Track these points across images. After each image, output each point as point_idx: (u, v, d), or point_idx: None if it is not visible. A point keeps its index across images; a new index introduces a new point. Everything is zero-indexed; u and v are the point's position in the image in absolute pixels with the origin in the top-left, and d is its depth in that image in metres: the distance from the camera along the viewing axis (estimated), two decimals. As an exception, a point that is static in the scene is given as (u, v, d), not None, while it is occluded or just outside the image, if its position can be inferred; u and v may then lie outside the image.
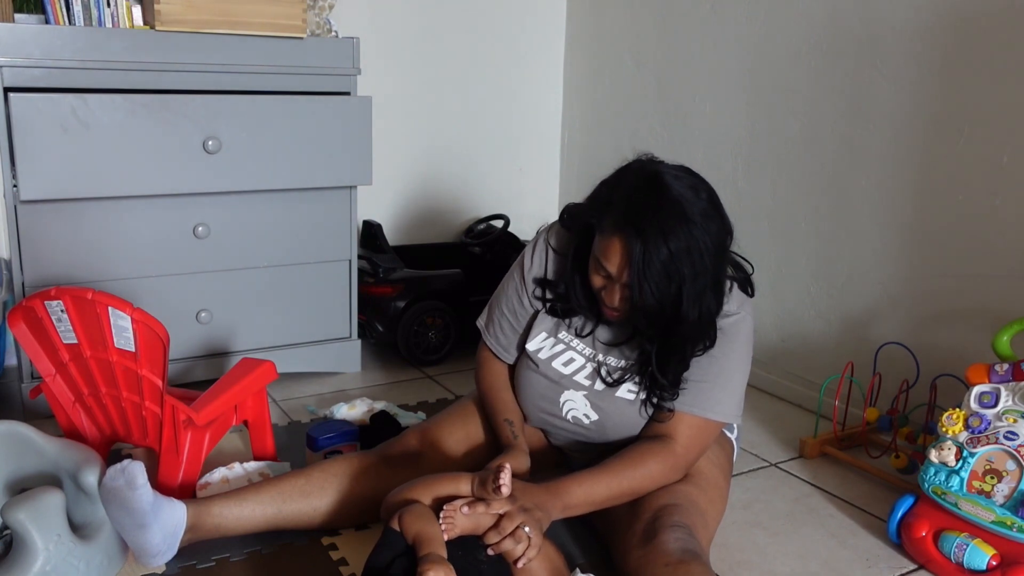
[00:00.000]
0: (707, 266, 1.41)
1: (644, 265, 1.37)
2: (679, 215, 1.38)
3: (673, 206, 1.38)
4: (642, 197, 1.40)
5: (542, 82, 3.15)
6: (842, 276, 2.27)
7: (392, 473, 1.63)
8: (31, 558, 1.34)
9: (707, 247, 1.40)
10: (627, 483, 1.48)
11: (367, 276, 2.56)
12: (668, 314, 1.42)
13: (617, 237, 1.40)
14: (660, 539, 1.37)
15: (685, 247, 1.37)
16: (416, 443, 1.69)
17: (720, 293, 1.48)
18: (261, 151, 2.19)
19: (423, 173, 2.98)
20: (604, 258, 1.43)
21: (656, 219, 1.37)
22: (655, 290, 1.39)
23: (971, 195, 1.97)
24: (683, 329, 1.45)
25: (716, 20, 2.55)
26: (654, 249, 1.37)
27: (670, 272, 1.38)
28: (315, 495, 1.59)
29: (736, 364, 1.56)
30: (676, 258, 1.37)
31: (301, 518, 1.59)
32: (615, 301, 1.47)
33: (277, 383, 2.30)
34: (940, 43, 2.00)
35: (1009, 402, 1.57)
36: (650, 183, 1.42)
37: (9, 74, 1.95)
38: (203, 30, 2.10)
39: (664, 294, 1.40)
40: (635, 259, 1.38)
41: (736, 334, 1.54)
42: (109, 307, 1.58)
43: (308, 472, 1.62)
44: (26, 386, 2.10)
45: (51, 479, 1.50)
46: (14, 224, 2.04)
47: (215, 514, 1.52)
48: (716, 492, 1.58)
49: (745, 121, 2.49)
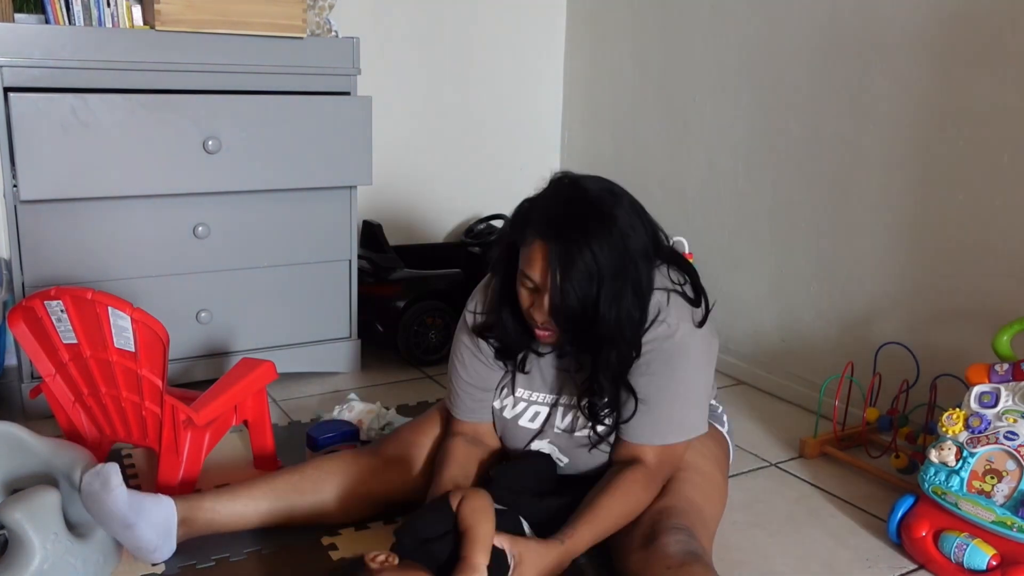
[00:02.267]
0: (626, 265, 1.38)
1: (565, 263, 1.36)
2: (597, 214, 1.38)
3: (591, 206, 1.39)
4: (561, 202, 1.41)
5: (542, 82, 3.15)
6: (842, 276, 2.27)
7: (387, 470, 1.64)
8: (28, 557, 1.34)
9: (626, 247, 1.38)
10: (618, 518, 1.45)
11: (367, 276, 2.56)
12: (589, 315, 1.39)
13: (538, 242, 1.39)
14: (661, 542, 1.37)
15: (605, 244, 1.36)
16: (410, 437, 1.69)
17: (642, 298, 1.43)
18: (261, 151, 2.19)
19: (423, 173, 2.98)
20: (527, 267, 1.41)
21: (575, 219, 1.38)
22: (576, 288, 1.36)
23: (971, 195, 1.97)
24: (602, 331, 1.40)
25: (716, 20, 2.55)
26: (575, 247, 1.36)
27: (590, 270, 1.36)
28: (309, 492, 1.59)
29: (687, 383, 1.50)
30: (595, 255, 1.36)
31: (295, 514, 1.59)
32: (542, 315, 1.42)
33: (277, 383, 2.30)
34: (940, 43, 2.00)
35: (1009, 402, 1.57)
36: (568, 188, 1.43)
37: (9, 74, 1.96)
38: (203, 30, 2.10)
39: (585, 293, 1.37)
40: (555, 257, 1.36)
41: (682, 354, 1.48)
42: (109, 307, 1.58)
43: (302, 469, 1.62)
44: (26, 386, 2.10)
45: (45, 479, 1.51)
46: (14, 224, 2.04)
47: (207, 508, 1.52)
48: (713, 488, 1.57)
49: (745, 121, 2.49)
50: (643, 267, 1.42)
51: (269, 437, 1.88)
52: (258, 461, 1.89)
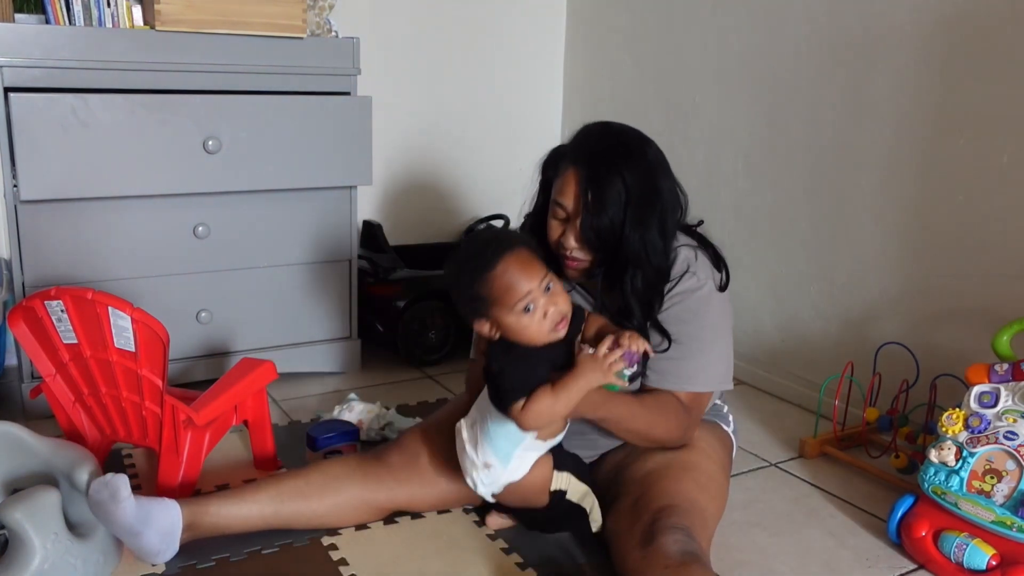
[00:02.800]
0: (652, 193, 1.48)
1: (595, 186, 1.46)
2: (627, 146, 1.51)
3: (621, 139, 1.52)
4: (593, 137, 1.54)
5: (542, 82, 3.15)
6: (842, 276, 2.27)
7: (391, 476, 1.64)
8: (28, 557, 1.34)
9: (653, 178, 1.50)
10: (649, 416, 1.51)
11: (367, 276, 2.56)
12: (616, 236, 1.47)
13: (571, 169, 1.50)
14: (660, 542, 1.37)
15: (634, 171, 1.47)
16: (415, 445, 1.68)
17: (665, 229, 1.51)
18: (261, 151, 2.19)
19: (423, 173, 2.98)
20: (560, 195, 1.51)
21: (606, 148, 1.50)
22: (605, 210, 1.46)
23: (971, 195, 1.97)
24: (628, 254, 1.48)
25: (716, 20, 2.55)
26: (604, 171, 1.46)
27: (619, 193, 1.46)
28: (314, 497, 1.59)
29: (711, 335, 1.58)
30: (624, 180, 1.46)
31: (299, 519, 1.59)
32: (572, 241, 1.50)
33: (277, 383, 2.29)
34: (940, 43, 2.00)
35: (1009, 402, 1.57)
36: (599, 127, 1.56)
37: (9, 74, 1.96)
38: (203, 30, 2.10)
39: (614, 215, 1.46)
40: (586, 181, 1.47)
41: (707, 307, 1.56)
42: (109, 307, 1.58)
43: (307, 474, 1.62)
44: (26, 386, 2.10)
45: (45, 479, 1.51)
46: (14, 224, 2.04)
47: (212, 513, 1.53)
48: (715, 488, 1.58)
49: (745, 121, 2.49)
50: (668, 201, 1.52)
51: (269, 437, 1.88)
52: (258, 461, 1.89)
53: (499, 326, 1.39)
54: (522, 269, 1.37)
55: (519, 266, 1.37)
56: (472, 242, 1.43)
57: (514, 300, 1.35)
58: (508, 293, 1.35)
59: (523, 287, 1.35)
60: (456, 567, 1.55)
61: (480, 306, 1.39)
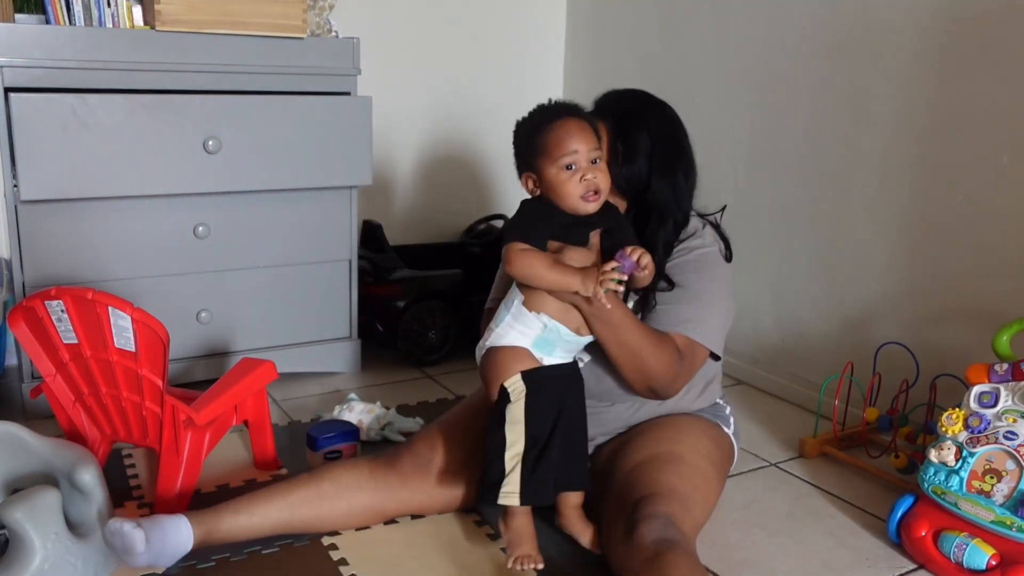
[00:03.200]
0: (676, 143, 1.62)
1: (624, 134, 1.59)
2: (648, 99, 1.66)
3: (643, 96, 1.67)
4: (616, 95, 1.68)
5: (542, 82, 3.15)
6: (842, 276, 2.27)
7: (403, 485, 1.63)
8: (29, 556, 1.34)
9: (674, 126, 1.64)
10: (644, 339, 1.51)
11: (367, 276, 2.56)
12: (644, 183, 1.59)
13: (599, 122, 1.58)
14: (637, 533, 1.38)
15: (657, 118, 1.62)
16: (427, 451, 1.67)
17: (689, 179, 1.65)
18: (261, 151, 2.19)
19: (423, 173, 2.98)
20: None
21: (631, 103, 1.65)
22: (635, 156, 1.58)
23: (971, 195, 1.97)
24: (656, 197, 1.59)
25: (716, 20, 2.55)
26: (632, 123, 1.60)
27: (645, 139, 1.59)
28: (325, 506, 1.58)
29: (713, 294, 1.62)
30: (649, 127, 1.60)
31: (309, 527, 1.60)
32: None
33: (277, 383, 2.30)
34: (940, 43, 2.00)
35: (1009, 402, 1.57)
36: (620, 90, 1.69)
37: (9, 74, 1.96)
38: (203, 30, 2.10)
39: (642, 162, 1.58)
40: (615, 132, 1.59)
41: (710, 265, 1.63)
42: (109, 307, 1.58)
43: (318, 482, 1.60)
44: (26, 386, 2.10)
45: (45, 479, 1.51)
46: (14, 224, 2.04)
47: (224, 529, 1.51)
48: (701, 479, 1.57)
49: (745, 121, 2.49)
50: (688, 151, 1.65)
51: (269, 437, 1.88)
52: (258, 461, 1.90)
53: (540, 179, 1.48)
54: (579, 130, 1.46)
55: (577, 127, 1.46)
56: (547, 103, 1.53)
57: (560, 153, 1.44)
58: (558, 146, 1.44)
59: (572, 145, 1.44)
60: (456, 567, 1.56)
61: (531, 155, 1.49)
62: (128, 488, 1.79)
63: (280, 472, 1.89)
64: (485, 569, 1.55)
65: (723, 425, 1.73)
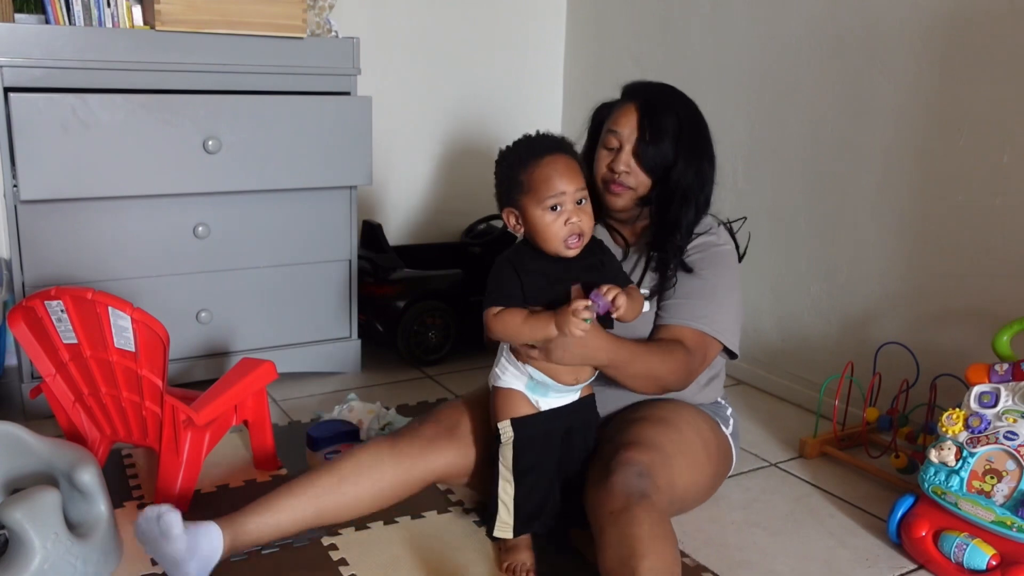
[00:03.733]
0: (700, 130, 1.66)
1: (653, 114, 1.62)
2: (677, 91, 1.71)
3: (671, 87, 1.71)
4: (646, 83, 1.72)
5: (542, 82, 3.15)
6: (842, 276, 2.27)
7: (428, 446, 1.60)
8: (29, 557, 1.34)
9: (699, 118, 1.68)
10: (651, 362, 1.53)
11: (367, 276, 2.56)
12: (668, 164, 1.62)
13: (630, 103, 1.65)
14: (611, 480, 1.40)
15: (686, 109, 1.67)
16: (455, 415, 1.66)
17: (713, 165, 1.67)
18: (261, 151, 2.19)
19: (423, 173, 2.98)
20: (616, 124, 1.65)
21: (661, 89, 1.69)
22: (662, 136, 1.60)
23: (971, 195, 1.97)
24: (680, 183, 1.62)
25: (716, 20, 2.55)
26: (661, 105, 1.64)
27: (672, 125, 1.62)
28: (350, 489, 1.54)
29: (727, 290, 1.65)
30: (678, 114, 1.64)
31: (339, 514, 1.55)
32: (621, 165, 1.62)
33: (277, 383, 2.30)
34: (940, 42, 2.00)
35: (1009, 402, 1.57)
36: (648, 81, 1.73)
37: (9, 74, 1.96)
38: (203, 30, 2.10)
39: (668, 143, 1.61)
40: (645, 110, 1.62)
41: (724, 263, 1.66)
42: (109, 307, 1.58)
43: (339, 468, 1.55)
44: (26, 386, 2.10)
45: (45, 479, 1.51)
46: (14, 224, 2.04)
47: (251, 531, 1.48)
48: (688, 447, 1.58)
49: (745, 121, 2.49)
50: (710, 139, 1.69)
51: (269, 437, 1.88)
52: (258, 461, 1.90)
53: (524, 218, 1.44)
54: (566, 170, 1.42)
55: (565, 165, 1.42)
56: (531, 135, 1.48)
57: (547, 194, 1.40)
58: (544, 185, 1.40)
59: (559, 185, 1.40)
60: (456, 567, 1.56)
61: (515, 192, 1.44)
62: (128, 488, 1.79)
63: (280, 472, 1.89)
64: (484, 569, 1.55)
65: (722, 424, 1.73)
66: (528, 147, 1.45)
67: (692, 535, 1.68)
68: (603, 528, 1.35)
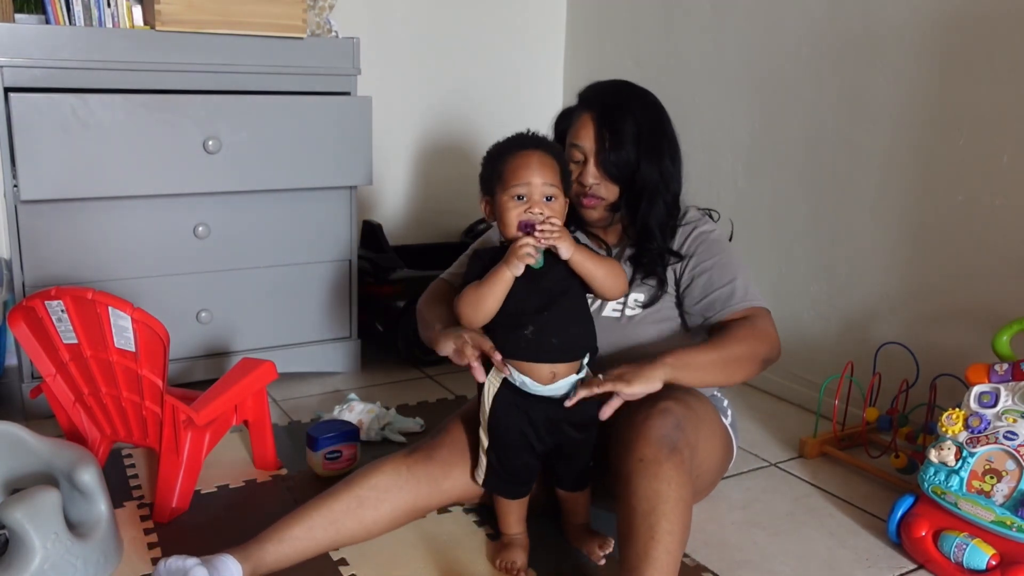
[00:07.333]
0: (660, 127, 1.66)
1: (609, 123, 1.62)
2: (633, 89, 1.69)
3: (625, 85, 1.71)
4: (600, 86, 1.72)
5: (542, 82, 3.15)
6: (842, 276, 2.27)
7: (443, 474, 1.59)
8: (29, 557, 1.34)
9: (660, 113, 1.67)
10: (732, 347, 1.57)
11: (367, 276, 2.56)
12: (633, 168, 1.62)
13: (586, 114, 1.65)
14: (646, 425, 1.42)
15: (643, 108, 1.65)
16: (463, 435, 1.64)
17: (676, 161, 1.68)
18: (261, 151, 2.19)
19: (423, 173, 2.99)
20: (577, 138, 1.65)
21: (614, 92, 1.69)
22: (621, 145, 1.60)
23: (971, 195, 1.97)
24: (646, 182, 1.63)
25: (716, 20, 2.55)
26: (617, 111, 1.63)
27: (631, 128, 1.61)
28: (369, 515, 1.53)
29: (738, 263, 1.69)
30: (635, 117, 1.63)
31: (356, 537, 1.54)
32: (590, 177, 1.63)
33: (277, 383, 2.30)
34: (940, 43, 2.00)
35: (1009, 402, 1.57)
36: (603, 82, 1.73)
37: (9, 74, 1.96)
38: (203, 30, 2.10)
39: (629, 147, 1.61)
40: (601, 120, 1.62)
41: (725, 244, 1.71)
42: (109, 307, 1.58)
43: (356, 490, 1.53)
44: (26, 386, 2.10)
45: (45, 479, 1.51)
46: (14, 224, 2.04)
47: (270, 561, 1.45)
48: (710, 416, 1.63)
49: (745, 121, 2.49)
50: (672, 135, 1.68)
51: (269, 437, 1.88)
52: (258, 461, 1.90)
53: (494, 207, 1.48)
54: (539, 164, 1.45)
55: (539, 160, 1.45)
56: (523, 132, 1.53)
57: (514, 182, 1.43)
58: (513, 174, 1.44)
59: (528, 176, 1.43)
60: (456, 567, 1.56)
61: (491, 180, 1.48)
62: (128, 488, 1.79)
63: (280, 472, 1.89)
64: (484, 569, 1.55)
65: (722, 416, 1.73)
66: (512, 142, 1.50)
67: (692, 535, 1.66)
68: (630, 476, 1.38)
